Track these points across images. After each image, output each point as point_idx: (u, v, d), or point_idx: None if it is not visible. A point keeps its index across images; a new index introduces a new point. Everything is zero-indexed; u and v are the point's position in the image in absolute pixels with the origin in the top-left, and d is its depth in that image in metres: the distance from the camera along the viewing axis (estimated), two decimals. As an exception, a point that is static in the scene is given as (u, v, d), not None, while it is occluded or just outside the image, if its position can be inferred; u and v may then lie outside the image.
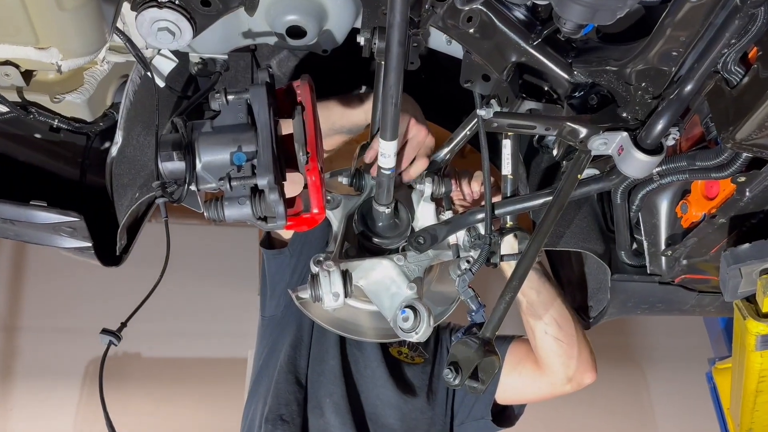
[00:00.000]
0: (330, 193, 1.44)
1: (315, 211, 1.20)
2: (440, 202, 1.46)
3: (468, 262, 1.36)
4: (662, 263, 1.41)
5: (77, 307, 3.54)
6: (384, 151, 1.17)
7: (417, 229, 1.42)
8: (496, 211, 1.29)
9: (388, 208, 1.36)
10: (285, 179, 1.18)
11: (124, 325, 1.09)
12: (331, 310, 1.32)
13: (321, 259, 1.31)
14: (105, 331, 1.08)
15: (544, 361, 1.60)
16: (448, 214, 1.42)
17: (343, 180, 1.45)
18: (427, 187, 1.42)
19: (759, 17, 0.89)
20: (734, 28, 0.90)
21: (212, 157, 1.11)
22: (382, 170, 1.21)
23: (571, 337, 1.57)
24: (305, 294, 1.32)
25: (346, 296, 1.29)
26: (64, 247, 1.47)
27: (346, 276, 1.30)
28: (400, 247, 1.42)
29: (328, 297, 1.29)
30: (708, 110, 1.13)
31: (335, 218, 1.43)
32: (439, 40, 1.27)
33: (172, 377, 3.47)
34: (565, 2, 0.85)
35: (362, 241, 1.43)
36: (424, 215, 1.44)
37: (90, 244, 1.44)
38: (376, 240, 1.41)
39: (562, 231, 1.41)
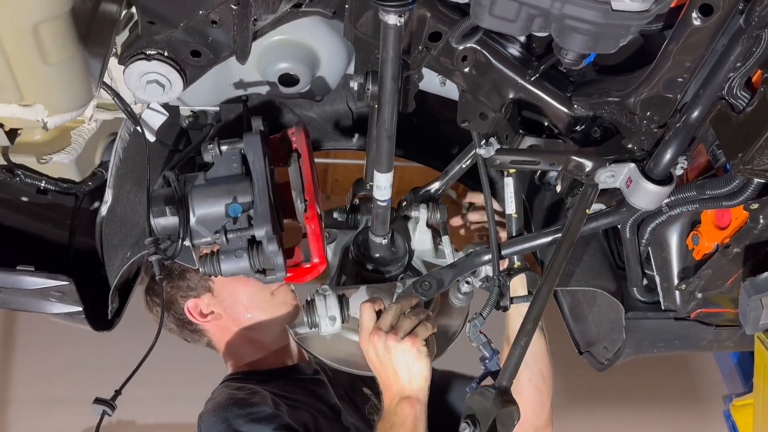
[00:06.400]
0: (326, 228, 1.41)
1: (315, 260, 1.17)
2: (437, 229, 1.45)
3: (467, 283, 1.35)
4: (676, 298, 1.37)
5: (68, 376, 3.44)
6: (380, 184, 1.16)
7: (414, 255, 1.42)
8: (504, 252, 1.25)
9: (384, 238, 1.34)
10: (283, 229, 1.14)
11: (118, 393, 1.03)
12: (328, 337, 1.30)
13: (318, 288, 1.29)
14: (98, 401, 1.02)
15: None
16: (445, 240, 1.40)
17: (338, 217, 1.44)
18: (422, 214, 1.41)
19: (764, 39, 0.87)
20: (739, 51, 0.89)
21: (207, 210, 1.08)
22: (378, 202, 1.20)
23: (550, 390, 1.56)
24: (303, 328, 1.30)
25: (343, 321, 1.27)
26: (54, 313, 1.42)
27: (342, 300, 1.28)
28: (399, 276, 1.39)
29: (324, 321, 1.27)
30: (713, 137, 1.11)
31: (330, 251, 1.41)
32: (432, 82, 1.25)
33: (168, 444, 3.35)
34: (567, 32, 0.83)
35: (359, 271, 1.41)
36: (421, 242, 1.43)
37: (80, 309, 1.39)
38: (372, 269, 1.39)
39: (572, 269, 1.37)
